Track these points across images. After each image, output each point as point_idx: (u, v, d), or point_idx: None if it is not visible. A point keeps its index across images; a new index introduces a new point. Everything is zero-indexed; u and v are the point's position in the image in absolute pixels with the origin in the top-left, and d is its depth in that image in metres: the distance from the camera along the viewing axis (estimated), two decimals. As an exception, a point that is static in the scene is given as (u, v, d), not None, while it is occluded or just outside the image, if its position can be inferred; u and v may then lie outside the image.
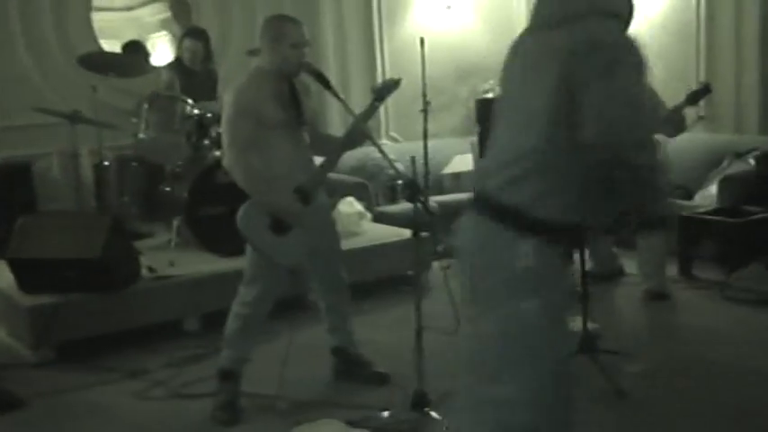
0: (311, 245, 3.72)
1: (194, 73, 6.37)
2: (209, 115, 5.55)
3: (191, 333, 4.86)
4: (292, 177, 3.66)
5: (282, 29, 3.73)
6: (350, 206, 5.86)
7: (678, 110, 4.86)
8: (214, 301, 4.58)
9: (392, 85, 3.98)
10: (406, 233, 4.08)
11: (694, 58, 7.22)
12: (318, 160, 3.91)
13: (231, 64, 6.82)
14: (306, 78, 3.88)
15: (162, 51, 7.48)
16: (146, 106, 5.64)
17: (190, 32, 6.55)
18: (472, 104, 7.81)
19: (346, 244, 4.59)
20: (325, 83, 3.76)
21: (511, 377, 2.09)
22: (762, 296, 4.99)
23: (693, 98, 4.87)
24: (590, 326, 4.23)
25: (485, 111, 6.49)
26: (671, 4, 7.34)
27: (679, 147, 6.65)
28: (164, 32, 7.72)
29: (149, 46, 7.24)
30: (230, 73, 6.39)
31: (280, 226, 3.61)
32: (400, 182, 4.95)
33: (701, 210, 5.85)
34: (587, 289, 4.27)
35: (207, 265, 5.11)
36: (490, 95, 7.30)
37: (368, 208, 6.18)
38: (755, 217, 5.46)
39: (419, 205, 3.51)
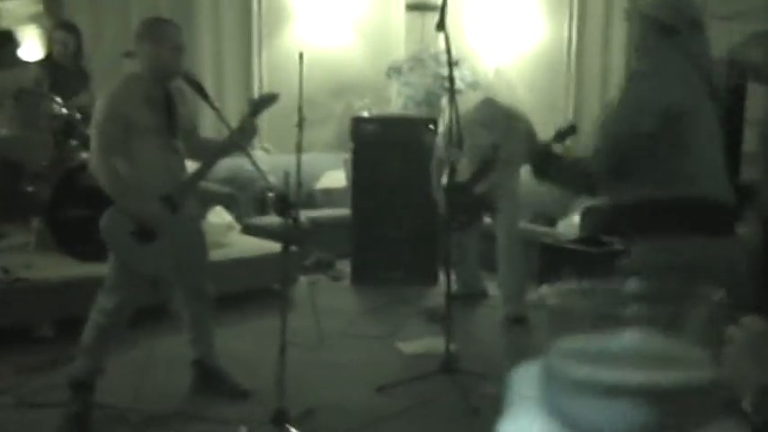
0: (176, 255, 3.65)
1: (64, 68, 6.16)
2: (77, 116, 5.39)
3: (44, 339, 4.68)
4: (160, 185, 3.59)
5: (163, 31, 3.67)
6: (218, 216, 5.79)
7: (547, 146, 5.04)
8: (71, 308, 4.42)
9: (269, 100, 3.97)
10: (275, 246, 4.06)
11: (564, 90, 7.52)
12: (193, 167, 3.85)
13: (103, 63, 6.63)
14: (182, 84, 3.82)
15: (31, 46, 7.21)
16: (10, 102, 5.42)
17: (61, 25, 6.35)
18: (347, 121, 7.85)
19: (213, 255, 4.52)
20: (202, 91, 3.71)
21: None
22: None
23: (560, 136, 5.04)
24: (452, 347, 4.31)
25: (359, 129, 6.52)
26: (544, 40, 7.62)
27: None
28: (34, 26, 7.44)
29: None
30: (102, 73, 6.21)
31: (144, 233, 3.53)
32: (271, 194, 4.93)
33: (563, 238, 6.06)
34: (450, 311, 4.36)
35: (66, 270, 4.94)
36: (365, 114, 7.33)
37: (237, 219, 6.12)
38: (612, 248, 5.67)
39: (289, 220, 3.50)
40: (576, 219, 6.42)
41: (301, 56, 6.29)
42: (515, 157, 5.34)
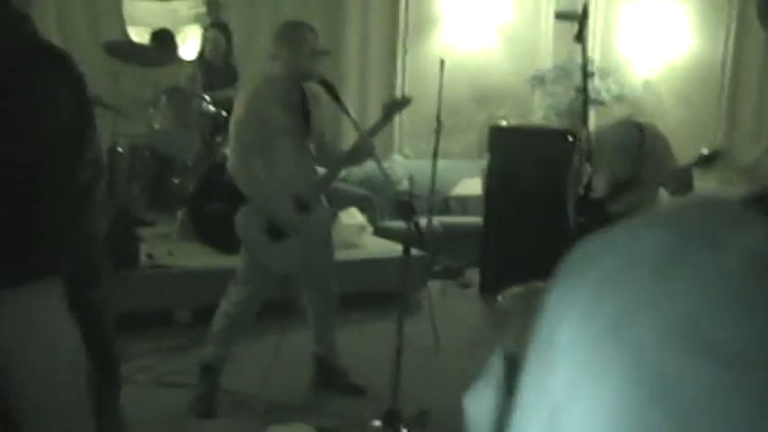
0: (305, 253, 3.80)
1: (215, 66, 6.48)
2: (224, 114, 5.65)
3: (181, 324, 4.95)
4: (292, 185, 3.74)
5: (301, 36, 3.79)
6: (352, 217, 5.93)
7: (686, 170, 4.90)
8: (208, 295, 4.65)
9: (401, 104, 4.06)
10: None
11: (716, 106, 7.32)
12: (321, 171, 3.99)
13: (256, 64, 6.92)
14: (317, 88, 3.95)
15: (191, 45, 7.60)
16: (164, 98, 5.75)
17: (213, 25, 6.68)
18: (487, 129, 7.87)
19: (344, 255, 4.65)
20: (335, 95, 3.83)
21: None
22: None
23: (702, 162, 4.85)
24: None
25: (496, 138, 6.53)
26: (697, 52, 7.44)
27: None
28: (196, 26, 7.85)
29: (180, 38, 7.36)
30: (255, 72, 6.48)
31: (276, 231, 3.69)
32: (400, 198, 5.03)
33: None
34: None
35: (205, 260, 5.20)
36: (503, 123, 7.33)
37: (370, 221, 6.25)
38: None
39: (411, 224, 3.58)
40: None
41: (442, 63, 6.42)
42: (653, 178, 5.23)
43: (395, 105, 4.08)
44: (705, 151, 4.96)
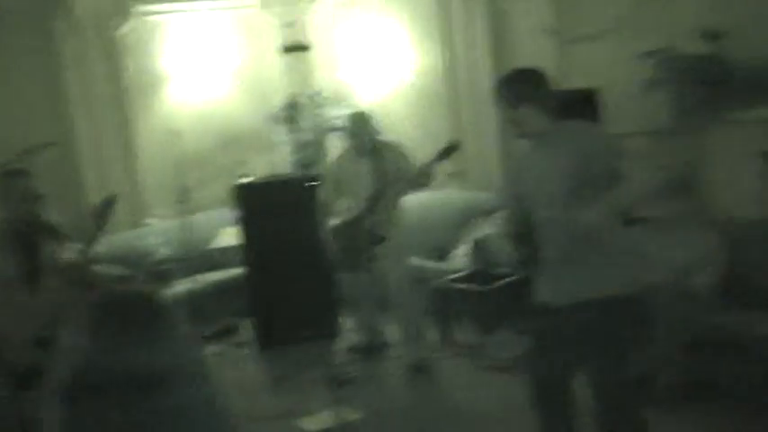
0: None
1: None
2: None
3: None
4: None
5: None
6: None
7: (429, 166, 5.24)
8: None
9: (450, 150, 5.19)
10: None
11: (441, 118, 7.70)
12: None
13: None
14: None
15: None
16: None
17: None
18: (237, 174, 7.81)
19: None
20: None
21: None
22: (510, 362, 5.33)
23: (442, 155, 5.24)
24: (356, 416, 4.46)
25: (241, 195, 6.54)
26: (419, 69, 7.78)
27: (432, 205, 7.09)
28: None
29: None
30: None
31: None
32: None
33: (455, 276, 6.20)
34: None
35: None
36: (247, 179, 7.03)
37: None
38: (502, 282, 5.85)
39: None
40: (466, 249, 6.58)
41: (177, 133, 6.38)
42: (394, 185, 5.48)
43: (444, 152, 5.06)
44: (444, 146, 5.32)
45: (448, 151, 5.31)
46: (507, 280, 5.86)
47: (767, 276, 4.98)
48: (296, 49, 8.20)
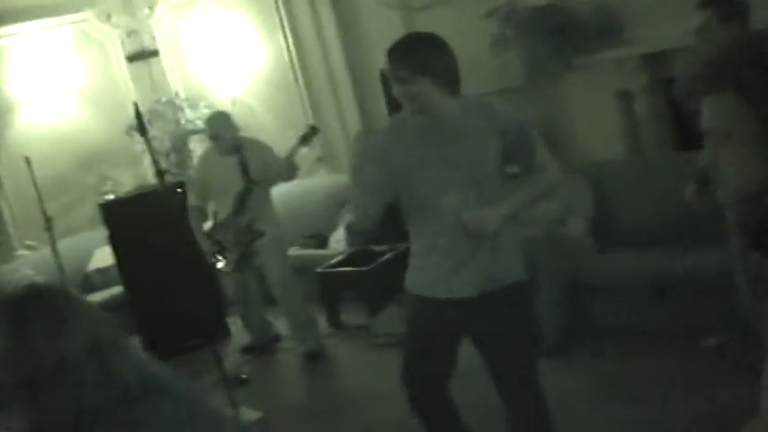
0: None
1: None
2: None
3: None
4: None
5: None
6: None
7: (292, 153, 5.21)
8: None
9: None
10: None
11: (299, 105, 7.67)
12: None
13: None
14: None
15: None
16: None
17: None
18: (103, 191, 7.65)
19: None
20: None
21: None
22: (400, 339, 5.36)
23: (304, 140, 5.23)
24: (252, 415, 4.43)
25: (108, 213, 6.41)
26: (269, 60, 7.72)
27: (305, 193, 7.08)
28: None
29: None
30: None
31: None
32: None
33: (335, 260, 6.22)
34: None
35: None
36: (110, 196, 7.03)
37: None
38: (381, 260, 5.90)
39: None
40: (342, 233, 6.61)
41: (28, 161, 6.16)
42: (262, 179, 5.42)
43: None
44: (304, 131, 5.31)
45: (307, 137, 5.29)
46: (386, 257, 5.92)
47: (631, 216, 5.18)
48: (141, 56, 8.04)
